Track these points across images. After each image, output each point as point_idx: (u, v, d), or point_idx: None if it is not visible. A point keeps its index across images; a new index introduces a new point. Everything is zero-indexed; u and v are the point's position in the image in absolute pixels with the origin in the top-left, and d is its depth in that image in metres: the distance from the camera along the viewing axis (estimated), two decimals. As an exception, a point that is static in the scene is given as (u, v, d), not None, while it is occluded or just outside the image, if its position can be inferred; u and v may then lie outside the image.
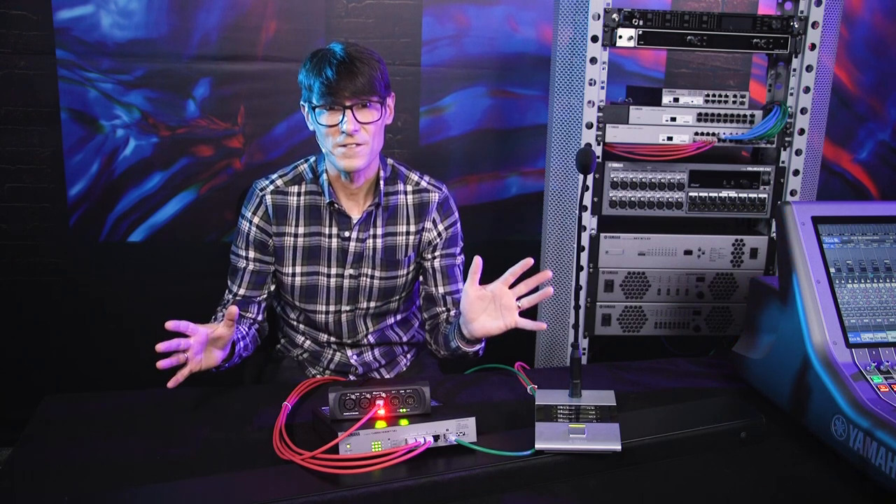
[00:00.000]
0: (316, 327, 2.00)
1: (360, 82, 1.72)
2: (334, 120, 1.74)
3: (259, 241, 1.91)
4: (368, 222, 1.92)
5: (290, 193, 1.90)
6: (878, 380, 1.51)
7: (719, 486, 1.41)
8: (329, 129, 1.75)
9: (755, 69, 3.02)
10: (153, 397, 1.71)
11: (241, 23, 2.74)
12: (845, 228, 1.67)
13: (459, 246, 2.02)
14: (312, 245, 1.91)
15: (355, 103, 1.73)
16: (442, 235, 1.98)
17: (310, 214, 1.90)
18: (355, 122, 1.73)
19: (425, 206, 1.96)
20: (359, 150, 1.76)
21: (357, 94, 1.72)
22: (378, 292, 1.97)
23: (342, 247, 1.92)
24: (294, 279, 1.93)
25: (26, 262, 2.81)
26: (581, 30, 2.21)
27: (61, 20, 2.66)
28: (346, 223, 1.90)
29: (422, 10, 2.81)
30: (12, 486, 1.35)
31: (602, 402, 1.56)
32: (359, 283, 1.94)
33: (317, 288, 1.94)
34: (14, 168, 2.74)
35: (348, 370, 2.04)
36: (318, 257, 1.92)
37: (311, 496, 1.27)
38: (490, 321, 1.70)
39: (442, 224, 1.98)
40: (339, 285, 1.94)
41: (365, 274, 1.94)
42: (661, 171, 2.33)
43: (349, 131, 1.73)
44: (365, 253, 1.92)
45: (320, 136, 1.80)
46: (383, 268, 1.94)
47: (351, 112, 1.73)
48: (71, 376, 2.89)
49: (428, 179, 1.99)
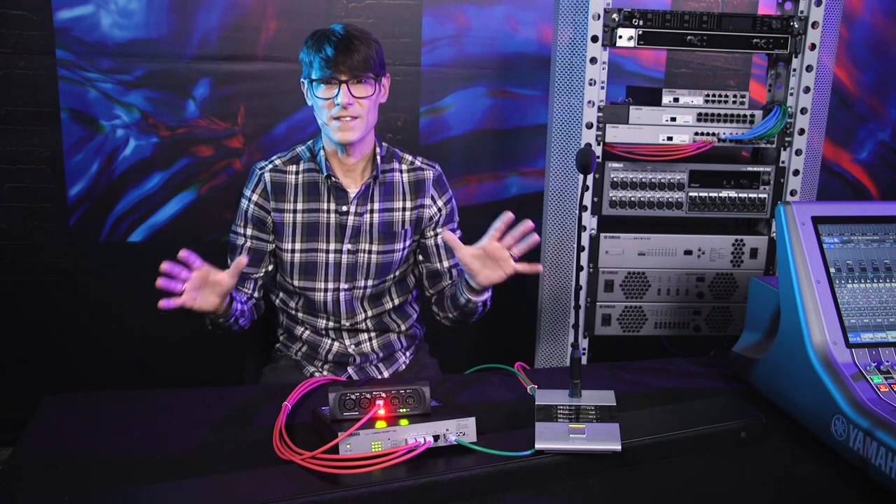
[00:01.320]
0: (315, 310, 2.03)
1: (356, 58, 1.83)
2: (331, 93, 1.85)
3: (257, 217, 1.99)
4: (366, 196, 1.99)
5: (288, 172, 1.99)
6: (878, 380, 1.51)
7: (719, 486, 1.41)
8: (325, 101, 1.86)
9: (755, 69, 3.02)
10: (153, 397, 1.71)
11: (241, 23, 2.74)
12: (845, 228, 1.67)
13: (457, 220, 2.12)
14: (311, 221, 1.98)
15: (350, 78, 1.84)
16: (442, 211, 2.07)
17: (308, 191, 1.98)
18: (350, 95, 1.84)
19: (421, 182, 2.04)
20: (353, 123, 1.86)
21: (353, 70, 1.83)
22: (375, 269, 2.02)
23: (340, 221, 1.98)
24: (293, 255, 1.99)
25: (26, 262, 2.81)
26: (581, 30, 2.21)
27: (61, 20, 2.66)
28: (343, 197, 1.98)
29: (422, 10, 2.81)
30: (12, 485, 1.35)
31: (602, 402, 1.56)
32: (357, 258, 2.00)
33: (315, 265, 1.99)
34: (14, 168, 2.74)
35: (346, 361, 2.05)
36: (316, 233, 1.98)
37: (311, 496, 1.27)
38: (491, 273, 1.81)
39: (441, 200, 2.07)
40: (337, 261, 1.99)
41: (363, 249, 2.00)
42: (661, 171, 2.33)
43: (344, 104, 1.83)
44: (363, 227, 1.99)
45: (317, 109, 1.90)
46: (380, 240, 2.00)
47: (346, 86, 1.83)
48: (71, 376, 2.89)
49: (421, 159, 2.08)
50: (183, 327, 2.85)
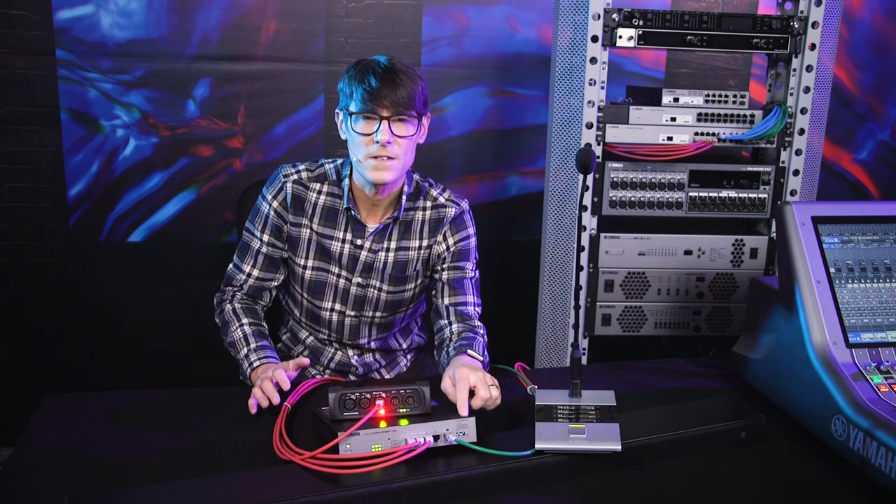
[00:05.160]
0: (318, 324, 2.00)
1: (401, 93, 1.72)
2: (370, 129, 1.74)
3: (276, 225, 1.91)
4: (384, 235, 1.90)
5: (311, 189, 1.89)
6: (878, 380, 1.51)
7: (719, 486, 1.41)
8: (364, 137, 1.75)
9: (755, 69, 3.02)
10: (153, 397, 1.71)
11: (241, 23, 2.74)
12: (845, 228, 1.67)
13: (472, 261, 1.97)
14: (325, 245, 1.91)
15: (393, 115, 1.73)
16: (450, 249, 1.94)
17: (326, 215, 1.89)
18: (390, 133, 1.73)
19: (440, 221, 1.93)
20: (390, 164, 1.75)
21: (396, 105, 1.72)
22: (385, 304, 1.96)
23: (353, 254, 1.90)
24: (305, 272, 1.92)
25: (26, 262, 2.81)
26: (581, 30, 2.21)
27: (61, 20, 2.66)
28: (360, 231, 1.89)
29: (422, 10, 2.81)
30: (12, 485, 1.35)
31: (602, 402, 1.56)
32: (366, 293, 1.94)
33: (325, 285, 1.93)
34: (14, 168, 2.74)
35: (349, 370, 2.04)
36: (328, 257, 1.91)
37: (311, 496, 1.27)
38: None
39: (452, 238, 1.94)
40: (346, 288, 1.93)
41: (373, 286, 1.93)
42: (661, 171, 2.33)
43: (383, 141, 1.72)
44: (375, 265, 1.91)
45: (353, 144, 1.78)
46: (392, 283, 1.93)
47: (387, 123, 1.73)
48: (71, 376, 2.89)
49: (448, 195, 1.96)
50: (183, 328, 2.86)
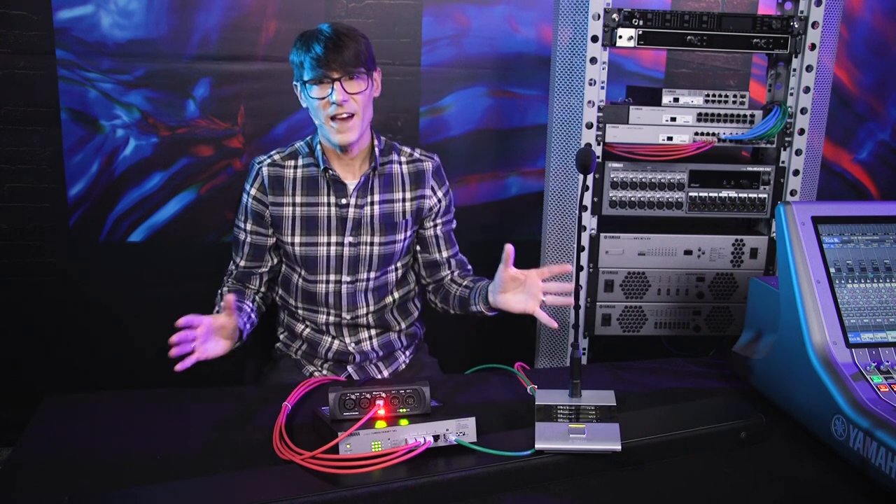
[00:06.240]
0: (315, 304, 2.04)
1: (346, 55, 1.84)
2: (324, 92, 1.86)
3: (256, 212, 2.01)
4: (366, 188, 2.00)
5: (286, 167, 2.00)
6: (878, 380, 1.51)
7: (719, 486, 1.41)
8: (320, 101, 1.87)
9: (755, 69, 3.02)
10: (153, 397, 1.71)
11: (241, 23, 2.74)
12: (845, 228, 1.67)
13: (453, 212, 2.14)
14: (310, 214, 1.99)
15: (343, 75, 1.85)
16: (441, 202, 2.08)
17: (307, 185, 1.99)
18: (344, 92, 1.85)
19: (421, 173, 2.05)
20: (350, 122, 1.88)
21: (344, 66, 1.84)
22: (378, 260, 2.03)
23: (340, 214, 1.99)
24: (295, 248, 2.00)
25: (26, 262, 2.81)
26: (581, 30, 2.21)
27: (61, 20, 2.66)
28: (342, 190, 1.99)
29: (422, 10, 2.81)
30: (12, 485, 1.35)
31: (602, 402, 1.56)
32: (359, 251, 2.01)
33: (316, 259, 2.00)
34: (14, 168, 2.74)
35: (346, 359, 2.06)
36: (315, 227, 1.99)
37: (311, 496, 1.27)
38: (515, 301, 1.83)
39: (440, 191, 2.08)
40: (339, 254, 2.00)
41: (364, 242, 2.01)
42: (661, 171, 2.33)
43: (338, 101, 1.84)
44: (363, 220, 2.00)
45: (312, 110, 1.91)
46: (382, 232, 2.01)
47: (339, 83, 1.84)
48: (71, 376, 2.89)
49: (420, 151, 2.09)
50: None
